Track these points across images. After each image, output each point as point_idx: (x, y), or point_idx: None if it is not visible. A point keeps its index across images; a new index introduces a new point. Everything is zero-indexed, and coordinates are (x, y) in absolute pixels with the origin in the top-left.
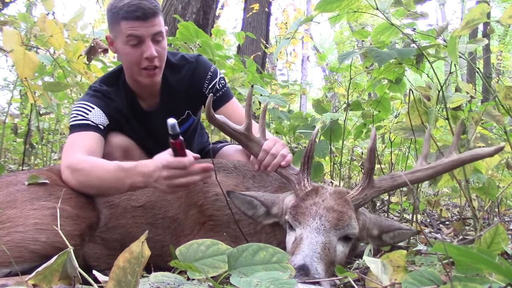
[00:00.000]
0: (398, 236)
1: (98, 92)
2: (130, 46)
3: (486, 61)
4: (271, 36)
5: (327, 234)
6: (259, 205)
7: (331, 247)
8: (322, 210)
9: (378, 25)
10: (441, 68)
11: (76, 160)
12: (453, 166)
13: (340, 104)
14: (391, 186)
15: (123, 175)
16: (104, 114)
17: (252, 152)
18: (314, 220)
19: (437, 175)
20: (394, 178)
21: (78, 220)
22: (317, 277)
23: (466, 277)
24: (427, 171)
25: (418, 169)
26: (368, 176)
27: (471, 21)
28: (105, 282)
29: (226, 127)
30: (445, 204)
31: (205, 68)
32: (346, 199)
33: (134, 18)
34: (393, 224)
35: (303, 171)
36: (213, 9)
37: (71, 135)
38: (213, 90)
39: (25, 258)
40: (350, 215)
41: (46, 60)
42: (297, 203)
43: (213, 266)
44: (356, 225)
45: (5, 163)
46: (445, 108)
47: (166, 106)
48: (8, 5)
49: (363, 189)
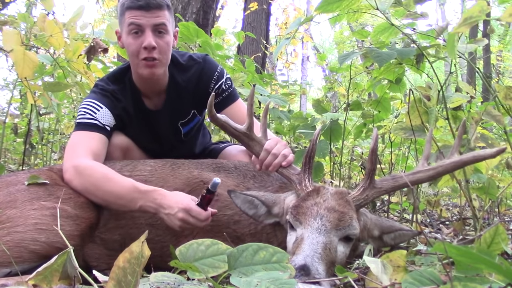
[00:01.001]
0: (399, 237)
1: (106, 92)
2: (131, 36)
3: (486, 61)
4: (271, 36)
5: (328, 234)
6: (260, 205)
7: (332, 248)
8: (323, 210)
9: (378, 25)
10: (441, 68)
11: (85, 164)
12: (455, 167)
13: (340, 104)
14: (392, 187)
15: (137, 196)
16: (112, 115)
17: (254, 152)
18: (315, 220)
19: (439, 176)
20: (396, 179)
21: (78, 220)
22: (317, 277)
23: (466, 277)
24: (428, 172)
25: (420, 169)
26: (370, 176)
27: (469, 18)
28: (105, 282)
29: (228, 127)
30: (445, 204)
31: (212, 68)
32: (347, 199)
33: (136, 7)
34: (394, 225)
35: (304, 171)
36: (213, 9)
37: (77, 133)
38: (219, 90)
39: (25, 258)
40: (351, 215)
41: (46, 60)
42: (298, 203)
43: (213, 266)
44: (357, 225)
45: (5, 163)
46: (445, 108)
47: (172, 105)
48: (8, 5)
49: (364, 189)
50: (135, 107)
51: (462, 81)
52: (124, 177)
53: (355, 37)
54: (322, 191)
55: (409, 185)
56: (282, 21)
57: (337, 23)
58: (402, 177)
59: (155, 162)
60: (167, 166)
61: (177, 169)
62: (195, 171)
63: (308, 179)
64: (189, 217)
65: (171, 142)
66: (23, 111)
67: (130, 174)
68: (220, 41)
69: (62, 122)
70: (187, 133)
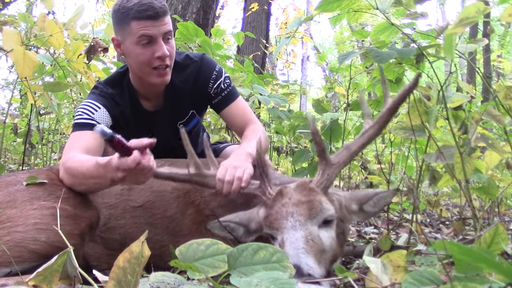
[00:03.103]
0: (378, 201)
1: (105, 94)
2: (141, 46)
3: (486, 61)
4: (271, 36)
5: (304, 227)
6: (236, 227)
7: (314, 237)
8: (291, 208)
9: (377, 25)
10: (441, 68)
11: (67, 158)
12: (393, 109)
13: (340, 104)
14: (349, 156)
15: (102, 171)
16: (109, 115)
17: (212, 186)
18: (287, 220)
19: (385, 125)
20: (348, 147)
21: (78, 219)
22: (310, 272)
23: (466, 277)
24: (374, 126)
25: (366, 129)
26: (322, 157)
27: (465, 19)
28: (105, 282)
29: (176, 176)
30: (445, 204)
31: (210, 68)
32: (310, 187)
33: (145, 18)
34: (369, 192)
35: (263, 180)
36: (213, 9)
37: (73, 133)
38: (218, 89)
39: (24, 258)
40: (320, 200)
41: (46, 59)
42: (267, 213)
43: (213, 266)
44: (329, 206)
45: (5, 163)
46: (445, 108)
47: (170, 106)
48: (9, 5)
49: (323, 170)
50: (133, 110)
51: (462, 81)
52: (89, 157)
53: (355, 37)
54: (285, 191)
55: (362, 147)
56: (282, 21)
57: (337, 23)
58: (354, 143)
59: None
60: (166, 166)
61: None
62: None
63: (269, 187)
64: (125, 172)
65: (171, 143)
66: (23, 111)
67: None
68: (220, 41)
69: (62, 122)
70: (187, 134)
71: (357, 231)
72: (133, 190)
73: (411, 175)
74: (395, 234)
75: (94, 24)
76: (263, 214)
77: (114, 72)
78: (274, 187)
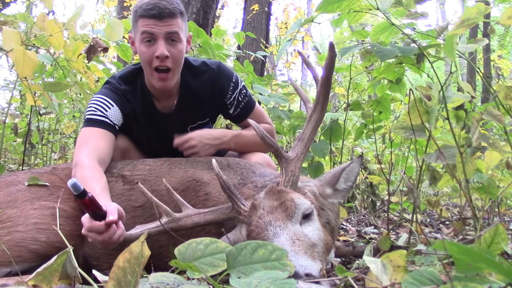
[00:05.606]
0: (347, 175)
1: (118, 90)
2: (144, 44)
3: (486, 61)
4: (271, 36)
5: (286, 230)
6: None
7: (299, 236)
8: (268, 217)
9: (377, 25)
10: (441, 68)
11: (81, 163)
12: (326, 84)
13: (340, 104)
14: (304, 146)
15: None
16: (121, 114)
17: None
18: (268, 231)
19: (326, 101)
20: (301, 137)
21: (78, 220)
22: (307, 271)
23: (466, 277)
24: (317, 108)
25: (310, 114)
26: (279, 156)
27: (467, 20)
28: (105, 282)
29: (152, 232)
30: (445, 204)
31: (227, 78)
32: (279, 190)
33: (149, 16)
34: (335, 170)
35: (233, 201)
36: (213, 9)
37: (86, 129)
38: (235, 101)
39: (25, 257)
40: (291, 198)
41: (46, 59)
42: (248, 231)
43: (212, 265)
44: (303, 200)
45: (5, 163)
46: (445, 108)
47: (183, 109)
48: (9, 5)
49: (285, 169)
50: (145, 109)
51: (462, 81)
52: (93, 182)
53: (355, 37)
54: (256, 202)
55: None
56: (282, 20)
57: (339, 25)
58: (303, 132)
59: (154, 161)
60: (165, 165)
61: (173, 168)
62: (190, 170)
63: (241, 204)
64: (93, 235)
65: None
66: (23, 111)
67: (130, 174)
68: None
69: (62, 122)
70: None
71: (357, 231)
72: (133, 190)
73: (411, 175)
74: (395, 234)
75: (94, 24)
76: (246, 233)
77: (128, 66)
78: (246, 202)
